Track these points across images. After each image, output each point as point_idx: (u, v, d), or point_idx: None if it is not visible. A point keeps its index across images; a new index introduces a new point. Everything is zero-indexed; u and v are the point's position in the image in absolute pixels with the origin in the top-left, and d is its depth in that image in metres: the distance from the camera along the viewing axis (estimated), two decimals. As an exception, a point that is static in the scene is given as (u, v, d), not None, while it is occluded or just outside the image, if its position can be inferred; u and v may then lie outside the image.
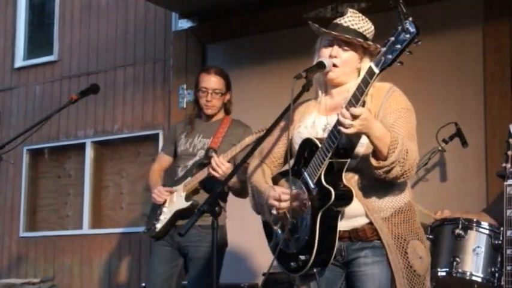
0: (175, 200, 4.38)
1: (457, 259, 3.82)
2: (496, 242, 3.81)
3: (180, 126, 4.60)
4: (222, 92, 4.48)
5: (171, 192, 4.39)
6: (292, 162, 2.95)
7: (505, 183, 3.62)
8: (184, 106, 6.08)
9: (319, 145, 2.79)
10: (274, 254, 2.96)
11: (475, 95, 5.00)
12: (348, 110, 2.62)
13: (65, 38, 7.18)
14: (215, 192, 2.84)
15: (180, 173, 4.45)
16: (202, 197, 4.30)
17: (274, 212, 2.89)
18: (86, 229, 6.79)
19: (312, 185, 2.80)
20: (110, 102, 6.76)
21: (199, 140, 4.47)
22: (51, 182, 7.19)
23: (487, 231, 3.86)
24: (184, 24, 6.28)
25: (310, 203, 2.80)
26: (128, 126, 6.65)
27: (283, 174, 3.05)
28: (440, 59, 5.09)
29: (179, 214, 4.34)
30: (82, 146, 6.91)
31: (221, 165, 4.13)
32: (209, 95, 4.45)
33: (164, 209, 4.40)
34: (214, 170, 4.16)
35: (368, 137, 2.66)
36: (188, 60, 6.25)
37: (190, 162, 4.42)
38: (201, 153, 4.42)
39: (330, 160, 2.76)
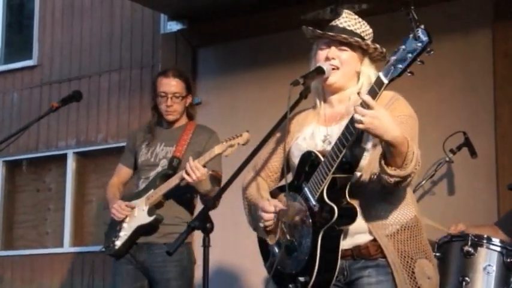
0: (136, 215, 4.31)
1: (466, 279, 3.82)
2: (509, 260, 3.81)
3: (140, 135, 4.54)
4: (182, 96, 4.44)
5: (132, 208, 4.33)
6: (289, 176, 2.95)
7: (517, 196, 3.62)
8: (173, 114, 6.07)
9: (322, 159, 2.79)
10: (270, 274, 2.95)
11: (484, 102, 5.02)
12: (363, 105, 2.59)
13: (46, 41, 7.18)
14: (206, 207, 2.83)
15: (142, 185, 4.39)
16: (167, 210, 4.28)
17: (261, 224, 2.89)
18: (67, 247, 6.77)
19: (313, 202, 2.79)
20: (94, 111, 6.76)
21: (161, 149, 4.43)
22: (29, 197, 7.17)
23: (498, 248, 3.86)
24: (174, 26, 6.30)
25: (310, 220, 2.80)
26: (112, 136, 6.65)
27: (283, 189, 3.04)
28: (447, 65, 5.11)
29: (141, 230, 4.28)
30: (63, 158, 6.90)
31: (196, 170, 4.05)
32: (169, 99, 4.41)
33: (124, 225, 4.33)
34: (188, 174, 4.07)
35: (383, 140, 2.62)
36: (178, 65, 6.24)
37: (153, 173, 4.37)
38: (164, 162, 4.37)
39: (334, 175, 2.75)
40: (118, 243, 4.31)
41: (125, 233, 4.31)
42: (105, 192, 4.62)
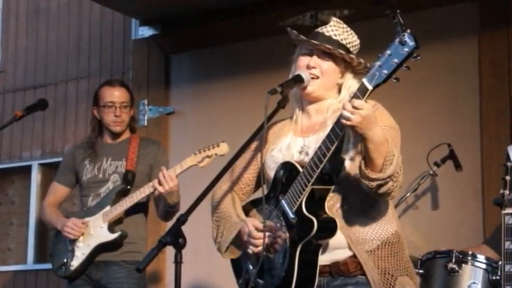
0: (93, 233, 4.34)
1: (451, 297, 3.85)
2: (494, 277, 3.83)
3: (79, 152, 4.58)
4: (129, 106, 4.52)
5: (85, 225, 4.35)
6: (265, 189, 2.95)
7: (503, 211, 3.65)
8: (145, 124, 6.08)
9: (301, 170, 2.80)
10: (244, 292, 2.96)
11: (470, 113, 5.05)
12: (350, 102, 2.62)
13: (9, 46, 7.15)
14: (179, 222, 2.83)
15: (91, 202, 4.43)
16: (124, 227, 4.34)
17: (250, 250, 2.89)
18: (30, 264, 6.72)
19: (291, 215, 2.80)
20: (60, 120, 6.73)
21: (109, 164, 4.47)
22: (-9, 210, 7.12)
23: (483, 266, 3.89)
24: (146, 32, 6.29)
25: (288, 234, 2.81)
26: (80, 146, 6.62)
27: (255, 203, 3.05)
28: (431, 73, 5.15)
29: (101, 248, 4.32)
30: (27, 169, 6.86)
31: (169, 181, 4.08)
32: (117, 109, 4.46)
33: (79, 244, 4.35)
34: (160, 183, 4.09)
35: (365, 140, 2.66)
36: (150, 72, 6.25)
37: (103, 189, 4.42)
38: (115, 178, 4.42)
39: (313, 187, 2.76)
40: (74, 263, 4.34)
41: (82, 253, 4.34)
42: (41, 213, 4.65)
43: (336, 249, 2.85)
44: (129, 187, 4.35)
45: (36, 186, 6.80)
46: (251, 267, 2.97)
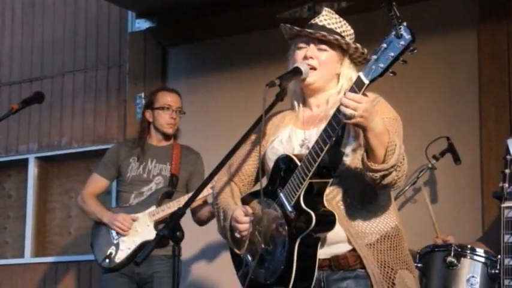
0: (139, 230, 4.55)
1: (449, 291, 3.86)
2: (493, 271, 3.84)
3: (124, 150, 4.80)
4: (183, 112, 4.81)
5: (133, 221, 4.57)
6: (264, 181, 2.96)
7: (502, 205, 3.65)
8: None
9: (298, 163, 2.80)
10: (243, 285, 2.96)
11: (469, 106, 5.05)
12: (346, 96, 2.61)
13: (5, 40, 7.13)
14: (177, 215, 2.83)
15: (134, 200, 4.66)
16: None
17: (237, 235, 2.90)
18: (28, 258, 6.72)
19: (289, 208, 2.81)
20: (57, 113, 6.73)
21: (153, 165, 4.70)
22: (-13, 204, 7.12)
23: (482, 259, 3.89)
24: (142, 24, 6.28)
25: (286, 227, 2.81)
26: (77, 140, 6.62)
27: (255, 195, 3.05)
28: (430, 66, 5.14)
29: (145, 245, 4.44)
30: (24, 163, 6.86)
31: None
32: (173, 112, 4.74)
33: (124, 239, 4.55)
34: None
35: (365, 132, 2.65)
36: (146, 65, 6.25)
37: (145, 189, 4.65)
38: (158, 179, 4.66)
39: (311, 180, 2.77)
40: (120, 256, 4.54)
41: (127, 247, 4.54)
42: (82, 202, 4.80)
43: (336, 243, 2.85)
44: (173, 190, 4.62)
45: (33, 179, 6.79)
46: (250, 259, 2.97)
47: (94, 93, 6.61)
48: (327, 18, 2.99)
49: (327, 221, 2.79)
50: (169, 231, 2.74)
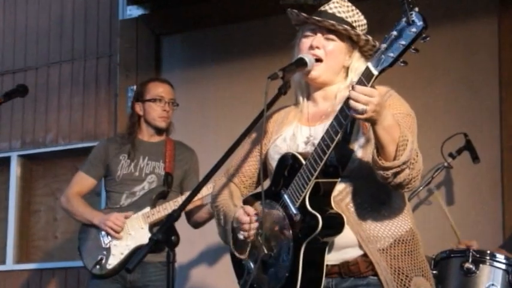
0: (133, 233, 4.54)
1: (467, 300, 3.87)
2: (515, 279, 3.85)
3: (114, 146, 4.76)
4: (176, 104, 4.78)
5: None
6: (266, 182, 2.96)
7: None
8: (133, 111, 6.07)
9: (304, 162, 2.80)
10: (245, 294, 2.97)
11: (488, 99, 5.06)
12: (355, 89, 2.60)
13: (-15, 28, 7.14)
14: (171, 218, 2.83)
15: (125, 200, 4.64)
16: None
17: (241, 236, 2.90)
18: (10, 264, 6.73)
19: (293, 210, 2.80)
20: (42, 107, 6.73)
21: (146, 163, 4.68)
22: (-33, 206, 7.13)
23: (503, 266, 3.90)
24: (134, 11, 6.29)
25: (291, 231, 2.82)
26: (64, 136, 6.63)
27: (258, 197, 3.05)
28: (446, 57, 5.15)
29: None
30: (6, 161, 6.87)
31: None
32: (166, 104, 4.70)
33: (116, 243, 4.54)
34: None
35: (375, 127, 2.64)
36: (139, 55, 6.25)
37: (138, 188, 4.63)
38: (151, 178, 4.64)
39: (317, 180, 2.77)
40: (112, 262, 4.51)
41: (120, 252, 4.52)
42: (66, 203, 4.77)
43: (345, 248, 2.85)
44: (168, 190, 4.61)
45: (16, 179, 6.80)
46: (253, 266, 2.97)
47: (82, 86, 6.61)
48: (338, 6, 2.98)
49: (335, 224, 2.78)
50: (164, 235, 2.74)
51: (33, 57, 6.87)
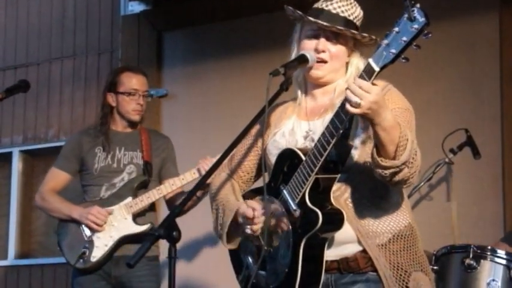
0: (116, 224, 4.47)
1: (468, 296, 3.87)
2: (516, 274, 3.85)
3: (87, 139, 4.67)
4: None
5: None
6: (267, 177, 2.96)
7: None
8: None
9: (303, 157, 2.80)
10: (244, 290, 2.98)
11: (489, 95, 5.06)
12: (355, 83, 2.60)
13: (-13, 23, 7.14)
14: (173, 213, 2.84)
15: (105, 192, 4.56)
16: (148, 219, 4.55)
17: (248, 231, 2.90)
18: (11, 259, 6.74)
19: (293, 206, 2.80)
20: (44, 103, 6.73)
21: (123, 154, 4.61)
22: (-32, 201, 7.13)
23: (504, 262, 3.90)
24: (136, 7, 6.29)
25: (290, 227, 2.82)
26: (65, 131, 6.63)
27: (257, 192, 3.05)
28: (448, 53, 5.15)
29: (126, 240, 4.45)
30: (8, 157, 6.87)
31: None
32: (140, 97, 4.63)
33: (99, 235, 4.46)
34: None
35: (374, 126, 2.64)
36: (140, 51, 6.25)
37: (117, 180, 4.57)
38: (130, 168, 4.58)
39: (317, 176, 2.77)
40: (96, 254, 4.43)
41: (104, 244, 4.45)
42: (41, 200, 4.69)
43: (344, 244, 2.85)
44: (149, 179, 4.55)
45: (18, 174, 6.81)
46: (251, 261, 2.98)
47: (84, 82, 6.62)
48: (341, 5, 2.95)
49: (335, 220, 2.78)
50: (165, 230, 2.74)
51: (35, 52, 6.87)
